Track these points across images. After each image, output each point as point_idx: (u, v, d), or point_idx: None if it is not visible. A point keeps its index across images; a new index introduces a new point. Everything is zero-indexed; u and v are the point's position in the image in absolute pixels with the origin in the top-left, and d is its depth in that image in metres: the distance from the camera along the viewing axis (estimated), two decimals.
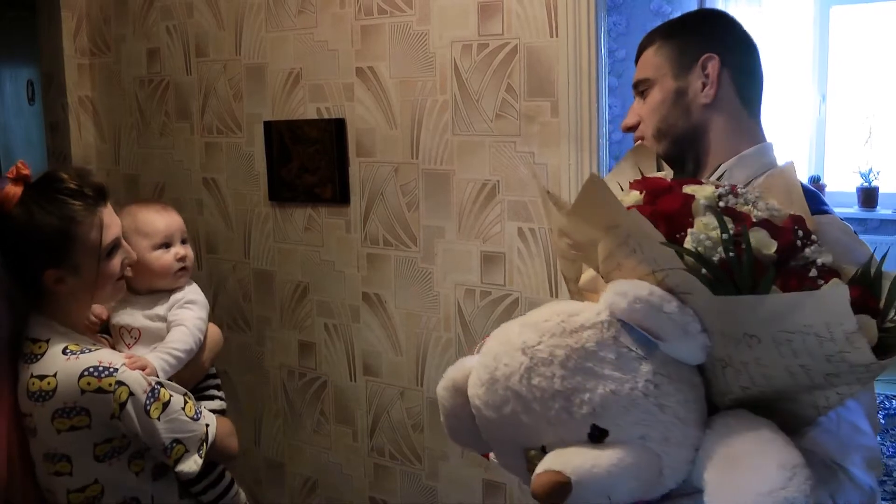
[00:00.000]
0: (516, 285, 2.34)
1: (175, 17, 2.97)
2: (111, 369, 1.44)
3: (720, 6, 4.43)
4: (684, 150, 1.36)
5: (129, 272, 1.60)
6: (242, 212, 2.90)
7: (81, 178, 1.51)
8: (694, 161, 1.37)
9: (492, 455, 1.24)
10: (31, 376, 1.45)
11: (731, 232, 0.87)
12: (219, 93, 2.90)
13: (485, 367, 0.97)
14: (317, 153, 2.63)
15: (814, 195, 1.25)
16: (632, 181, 1.09)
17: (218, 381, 1.81)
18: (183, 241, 1.76)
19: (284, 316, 2.86)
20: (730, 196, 0.96)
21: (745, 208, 0.94)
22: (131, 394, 1.44)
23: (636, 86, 1.43)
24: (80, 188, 1.49)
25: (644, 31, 1.48)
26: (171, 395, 1.51)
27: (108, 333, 1.73)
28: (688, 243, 0.89)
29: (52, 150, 3.36)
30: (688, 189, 0.97)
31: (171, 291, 1.72)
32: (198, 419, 1.56)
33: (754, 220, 0.92)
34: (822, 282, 0.86)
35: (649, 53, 1.41)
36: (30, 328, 1.51)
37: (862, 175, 4.52)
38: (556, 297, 2.27)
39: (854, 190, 4.56)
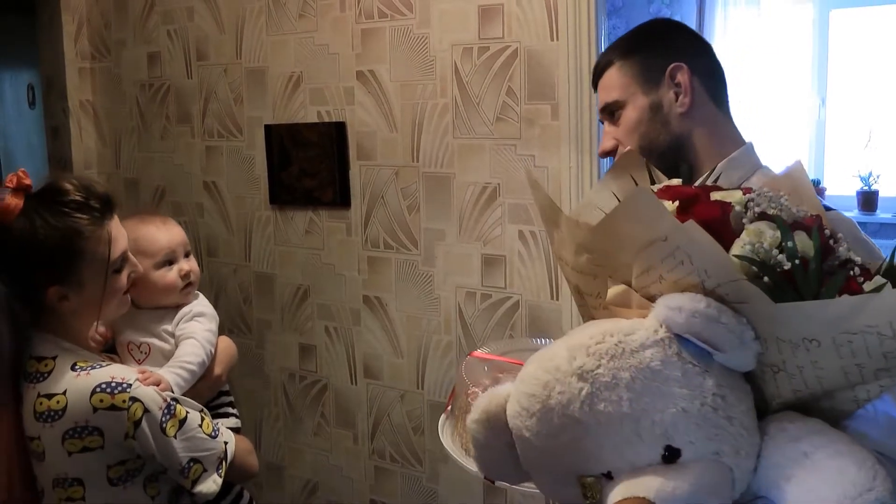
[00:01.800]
0: (517, 288, 2.34)
1: (176, 21, 2.98)
2: (124, 385, 1.36)
3: (718, 11, 4.43)
4: (671, 161, 1.35)
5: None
6: (243, 215, 2.91)
7: (87, 189, 1.42)
8: (687, 167, 1.36)
9: (499, 483, 1.23)
10: (38, 396, 1.37)
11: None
12: (219, 96, 2.90)
13: (532, 396, 0.93)
14: (317, 156, 2.64)
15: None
16: (657, 189, 1.07)
17: (231, 398, 1.75)
18: (186, 255, 1.68)
19: (285, 319, 2.86)
20: (759, 200, 0.95)
21: (773, 212, 0.93)
22: (146, 410, 1.36)
23: (604, 109, 1.41)
24: (85, 200, 1.40)
25: None
26: (187, 412, 1.44)
27: (114, 352, 1.65)
28: (742, 251, 0.88)
29: (53, 154, 3.36)
30: (716, 196, 0.96)
31: (178, 306, 1.66)
32: (216, 437, 1.48)
33: (790, 224, 0.91)
34: (863, 279, 0.86)
35: (611, 75, 1.39)
36: (33, 346, 1.42)
37: (862, 179, 4.52)
38: (557, 300, 2.27)
39: (854, 194, 4.56)
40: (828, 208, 1.21)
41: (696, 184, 1.18)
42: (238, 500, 1.66)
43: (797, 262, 0.85)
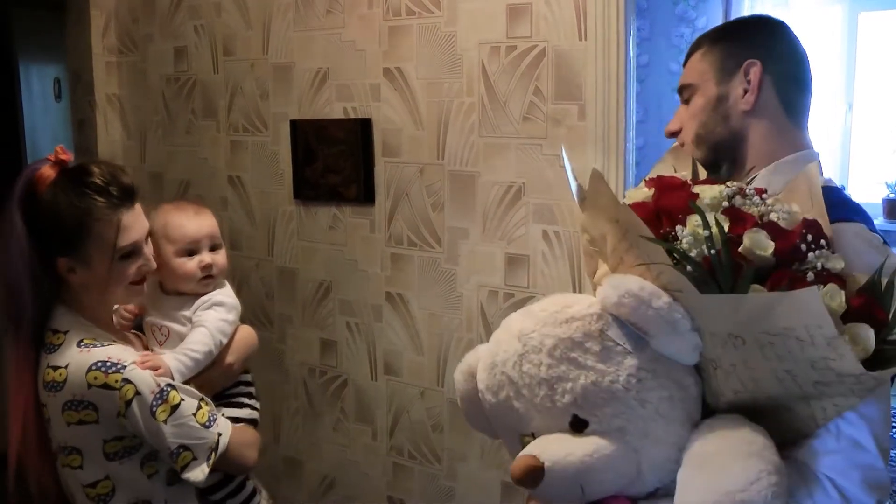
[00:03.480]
0: (540, 288, 2.33)
1: (203, 17, 3.00)
2: (119, 366, 1.42)
3: (745, 11, 4.40)
4: (722, 156, 1.34)
5: (151, 276, 1.58)
6: (267, 210, 2.92)
7: (112, 175, 1.49)
8: (729, 166, 1.35)
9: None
10: (48, 366, 1.46)
11: (727, 232, 0.88)
12: (245, 92, 2.91)
13: (489, 352, 1.01)
14: (342, 153, 2.65)
15: (846, 203, 1.22)
16: (647, 178, 1.10)
17: (251, 389, 1.75)
18: (213, 248, 1.69)
19: (307, 314, 2.87)
20: (737, 197, 0.96)
21: (752, 210, 0.94)
22: (137, 393, 1.42)
23: (680, 91, 1.42)
24: (106, 185, 1.47)
25: (668, 36, 1.47)
26: (182, 399, 1.47)
27: (142, 331, 1.71)
28: (681, 241, 0.91)
29: (79, 146, 3.39)
30: (697, 189, 0.98)
31: (199, 294, 1.68)
32: (209, 426, 1.50)
33: (760, 222, 0.92)
34: (820, 286, 0.85)
35: (695, 58, 1.39)
36: (53, 319, 1.50)
37: (888, 186, 4.48)
38: None
39: (880, 201, 4.52)
40: (848, 219, 1.16)
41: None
42: (241, 489, 1.67)
43: (713, 252, 0.86)
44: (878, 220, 4.53)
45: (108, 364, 1.42)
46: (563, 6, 2.20)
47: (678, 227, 0.91)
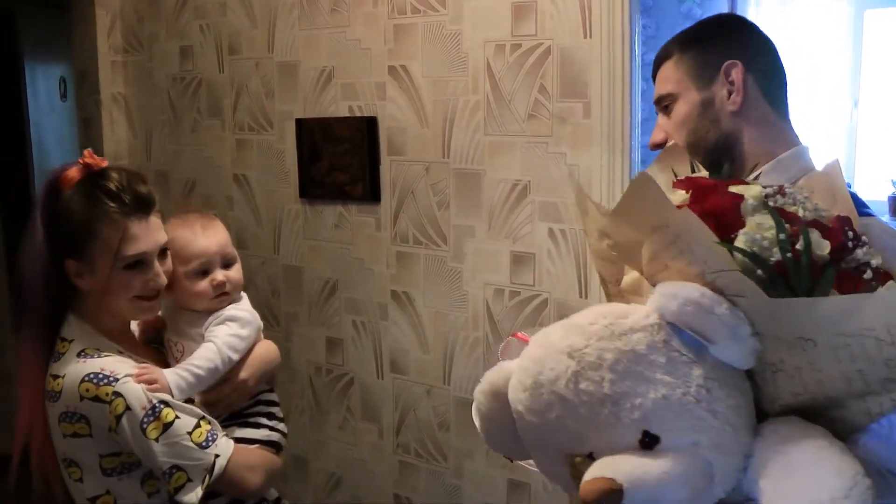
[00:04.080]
0: (545, 286, 2.33)
1: (208, 16, 3.00)
2: (111, 378, 1.37)
3: (751, 10, 4.39)
4: (718, 159, 1.34)
5: (164, 293, 1.53)
6: (272, 208, 2.92)
7: (128, 183, 1.46)
8: (730, 166, 1.35)
9: (523, 461, 1.22)
10: (49, 374, 1.43)
11: (788, 232, 0.85)
12: (251, 90, 2.92)
13: (527, 371, 0.94)
14: (348, 151, 2.65)
15: (855, 198, 1.23)
16: (675, 180, 1.07)
17: (274, 409, 1.66)
18: (226, 264, 1.60)
19: (313, 312, 2.87)
20: (777, 196, 0.93)
21: (792, 209, 0.92)
22: (128, 408, 1.36)
23: (658, 101, 1.41)
24: (119, 191, 1.44)
25: (674, 34, 1.46)
26: (176, 417, 1.40)
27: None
28: (740, 243, 0.87)
29: (84, 145, 3.37)
30: (734, 189, 0.95)
31: (214, 310, 1.59)
32: (206, 447, 1.42)
33: (804, 220, 0.90)
34: (876, 284, 0.84)
35: (668, 67, 1.38)
36: (64, 327, 1.47)
37: (894, 183, 4.46)
38: (586, 298, 2.26)
39: (886, 199, 4.50)
40: (871, 213, 1.18)
41: None
42: None
43: (789, 255, 0.84)
44: (885, 218, 4.51)
45: (101, 376, 1.37)
46: (568, 4, 2.20)
47: (742, 231, 0.88)
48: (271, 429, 1.63)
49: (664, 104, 1.39)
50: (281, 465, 1.64)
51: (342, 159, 2.67)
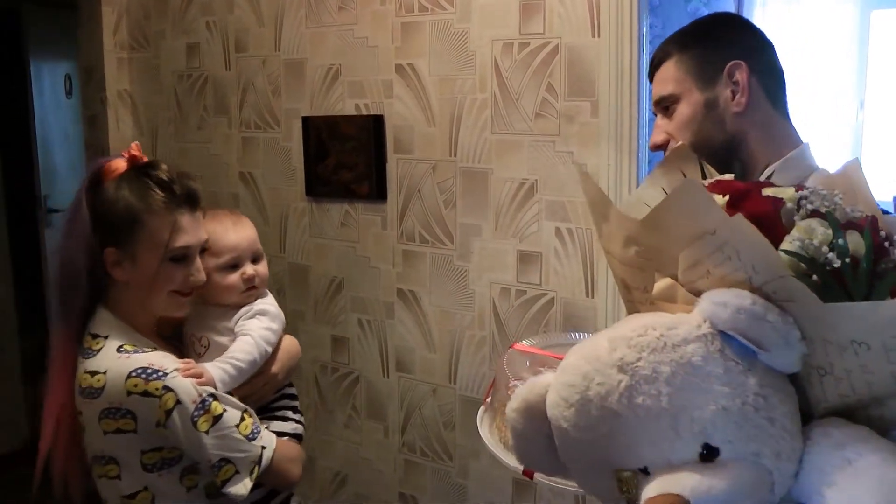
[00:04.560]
0: (552, 285, 2.33)
1: (215, 13, 3.00)
2: (160, 373, 1.37)
3: (757, 10, 4.39)
4: (724, 159, 1.33)
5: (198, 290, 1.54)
6: (279, 206, 2.92)
7: (178, 176, 1.47)
8: (740, 166, 1.34)
9: (537, 475, 1.21)
10: (85, 371, 1.41)
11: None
12: (257, 88, 2.92)
13: (572, 387, 0.92)
14: (354, 149, 2.65)
15: None
16: (708, 183, 1.06)
17: (296, 402, 1.70)
18: (255, 259, 1.63)
19: (318, 310, 2.87)
20: (811, 197, 0.92)
21: (826, 210, 0.91)
22: (178, 402, 1.36)
23: (658, 102, 1.40)
24: (170, 182, 1.44)
25: None
26: (224, 410, 1.41)
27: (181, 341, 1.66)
28: (792, 248, 0.86)
29: (90, 142, 3.41)
30: (768, 192, 0.94)
31: (241, 305, 1.62)
32: (253, 439, 1.44)
33: (848, 223, 0.90)
34: None
35: (668, 67, 1.37)
36: (94, 322, 1.46)
37: None
38: (593, 297, 2.26)
39: (892, 199, 4.50)
40: (885, 212, 1.18)
41: None
42: None
43: (847, 261, 0.83)
44: None
45: (150, 371, 1.36)
46: (577, 3, 2.19)
47: (791, 235, 0.87)
48: (297, 422, 1.66)
49: (664, 105, 1.38)
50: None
51: (349, 157, 2.67)
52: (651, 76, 1.43)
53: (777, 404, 0.85)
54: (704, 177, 1.32)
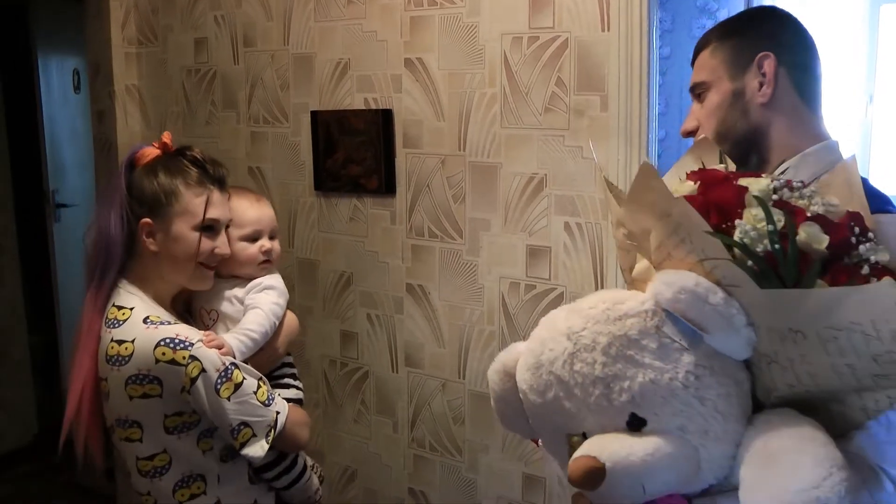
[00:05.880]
0: (561, 280, 2.33)
1: (223, 7, 3.00)
2: (187, 343, 1.48)
3: (767, 3, 4.37)
4: (745, 151, 1.34)
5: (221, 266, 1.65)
6: (287, 201, 2.92)
7: (210, 159, 1.62)
8: (758, 159, 1.35)
9: (541, 441, 1.24)
10: (112, 340, 1.50)
11: (780, 225, 0.87)
12: (266, 83, 2.92)
13: (531, 351, 0.99)
14: (363, 144, 2.64)
15: (879, 195, 1.22)
16: (688, 172, 1.09)
17: (295, 370, 1.81)
18: (272, 237, 1.75)
19: (327, 305, 2.87)
20: (785, 189, 0.95)
21: (800, 203, 0.93)
22: (203, 370, 1.47)
23: (693, 89, 1.42)
24: (203, 162, 1.59)
25: (689, 28, 1.47)
26: (244, 378, 1.53)
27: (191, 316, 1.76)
28: (736, 235, 0.89)
29: (98, 137, 3.41)
30: (743, 181, 0.97)
31: (252, 278, 1.73)
32: (269, 405, 1.57)
33: (809, 214, 0.91)
34: (875, 280, 0.85)
35: (705, 56, 1.39)
36: (118, 295, 1.56)
37: None
38: None
39: None
40: (885, 210, 1.16)
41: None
42: (293, 466, 1.70)
43: (777, 246, 0.85)
44: None
45: (177, 341, 1.47)
46: None
47: (737, 221, 0.90)
48: (297, 388, 1.77)
49: (698, 92, 1.40)
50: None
51: (357, 152, 2.66)
52: (693, 63, 1.44)
53: (712, 385, 0.88)
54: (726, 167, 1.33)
